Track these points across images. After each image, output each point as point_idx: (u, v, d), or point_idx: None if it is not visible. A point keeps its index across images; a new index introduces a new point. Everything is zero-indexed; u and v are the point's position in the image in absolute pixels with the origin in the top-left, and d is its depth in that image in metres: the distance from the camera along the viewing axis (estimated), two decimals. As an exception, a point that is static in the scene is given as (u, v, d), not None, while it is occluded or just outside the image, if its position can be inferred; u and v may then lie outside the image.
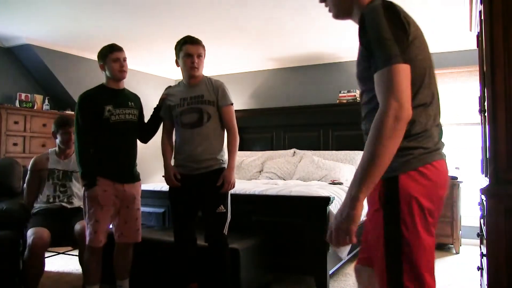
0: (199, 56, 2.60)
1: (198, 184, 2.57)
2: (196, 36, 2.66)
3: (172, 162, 2.72)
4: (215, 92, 2.61)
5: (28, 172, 3.09)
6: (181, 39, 2.64)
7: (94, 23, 4.19)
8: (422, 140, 1.27)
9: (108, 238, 2.70)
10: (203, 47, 2.65)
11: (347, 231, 1.17)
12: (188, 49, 2.58)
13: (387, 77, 1.17)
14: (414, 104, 1.22)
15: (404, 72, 1.17)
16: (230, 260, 2.64)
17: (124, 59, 2.68)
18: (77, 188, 3.10)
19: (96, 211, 2.56)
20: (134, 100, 2.79)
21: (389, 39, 1.19)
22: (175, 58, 2.70)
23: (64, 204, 3.04)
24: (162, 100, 2.76)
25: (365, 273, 1.44)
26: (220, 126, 2.66)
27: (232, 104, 2.66)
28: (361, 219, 1.20)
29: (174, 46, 2.68)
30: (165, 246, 2.99)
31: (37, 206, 3.03)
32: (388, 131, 1.14)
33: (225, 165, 2.63)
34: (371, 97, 1.29)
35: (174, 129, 2.76)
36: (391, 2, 1.28)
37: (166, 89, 2.82)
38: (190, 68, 2.59)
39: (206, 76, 2.70)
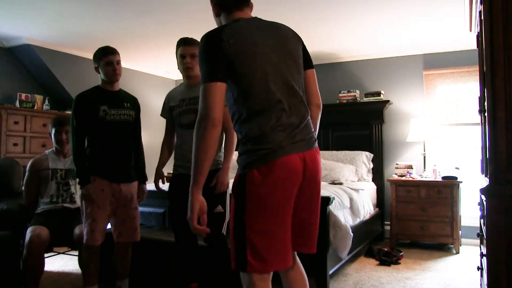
0: (193, 56, 2.59)
1: None
2: (196, 37, 2.66)
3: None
4: None
5: (27, 172, 3.08)
6: (177, 41, 2.66)
7: (94, 23, 4.19)
8: (261, 142, 1.49)
9: (107, 238, 2.70)
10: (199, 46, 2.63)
11: (190, 218, 1.49)
12: (181, 50, 2.61)
13: (201, 92, 1.48)
14: (248, 112, 1.51)
15: (213, 88, 1.46)
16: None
17: (118, 62, 2.68)
18: (78, 186, 3.10)
19: (93, 210, 2.58)
20: (130, 101, 2.80)
21: (207, 62, 1.49)
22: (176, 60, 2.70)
23: (66, 204, 3.04)
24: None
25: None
26: None
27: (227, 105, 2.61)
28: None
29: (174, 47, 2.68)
30: (165, 246, 2.99)
31: (41, 207, 3.02)
32: (199, 135, 1.47)
33: None
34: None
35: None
36: (214, 31, 1.53)
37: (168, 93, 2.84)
38: (184, 69, 2.62)
39: None
